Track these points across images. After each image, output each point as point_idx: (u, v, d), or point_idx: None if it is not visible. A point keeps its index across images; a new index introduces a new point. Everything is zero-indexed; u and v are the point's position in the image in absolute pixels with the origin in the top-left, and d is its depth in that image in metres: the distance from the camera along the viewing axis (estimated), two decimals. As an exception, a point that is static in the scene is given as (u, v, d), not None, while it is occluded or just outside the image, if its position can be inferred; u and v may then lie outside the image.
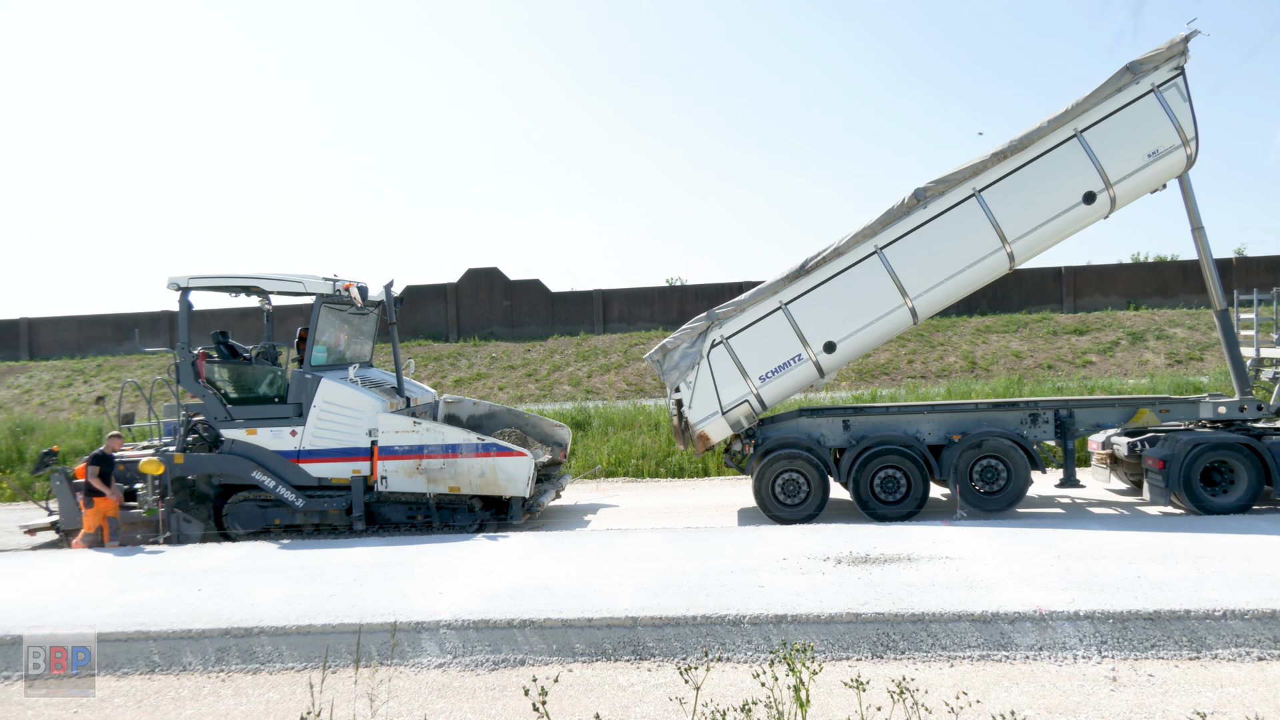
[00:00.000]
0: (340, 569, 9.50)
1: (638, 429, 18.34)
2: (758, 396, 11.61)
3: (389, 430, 11.55)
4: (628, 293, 32.75)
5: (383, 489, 11.56)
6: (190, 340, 12.03)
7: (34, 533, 12.55)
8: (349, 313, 12.83)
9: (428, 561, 9.66)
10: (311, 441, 11.74)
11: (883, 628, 7.11)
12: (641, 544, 9.97)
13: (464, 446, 11.48)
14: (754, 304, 11.61)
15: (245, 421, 11.93)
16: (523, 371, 28.70)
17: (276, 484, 11.74)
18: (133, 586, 9.28)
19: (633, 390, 26.42)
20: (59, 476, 12.05)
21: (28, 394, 29.87)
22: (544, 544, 10.28)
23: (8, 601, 8.85)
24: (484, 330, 32.67)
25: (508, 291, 33.04)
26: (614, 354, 29.30)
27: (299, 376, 11.86)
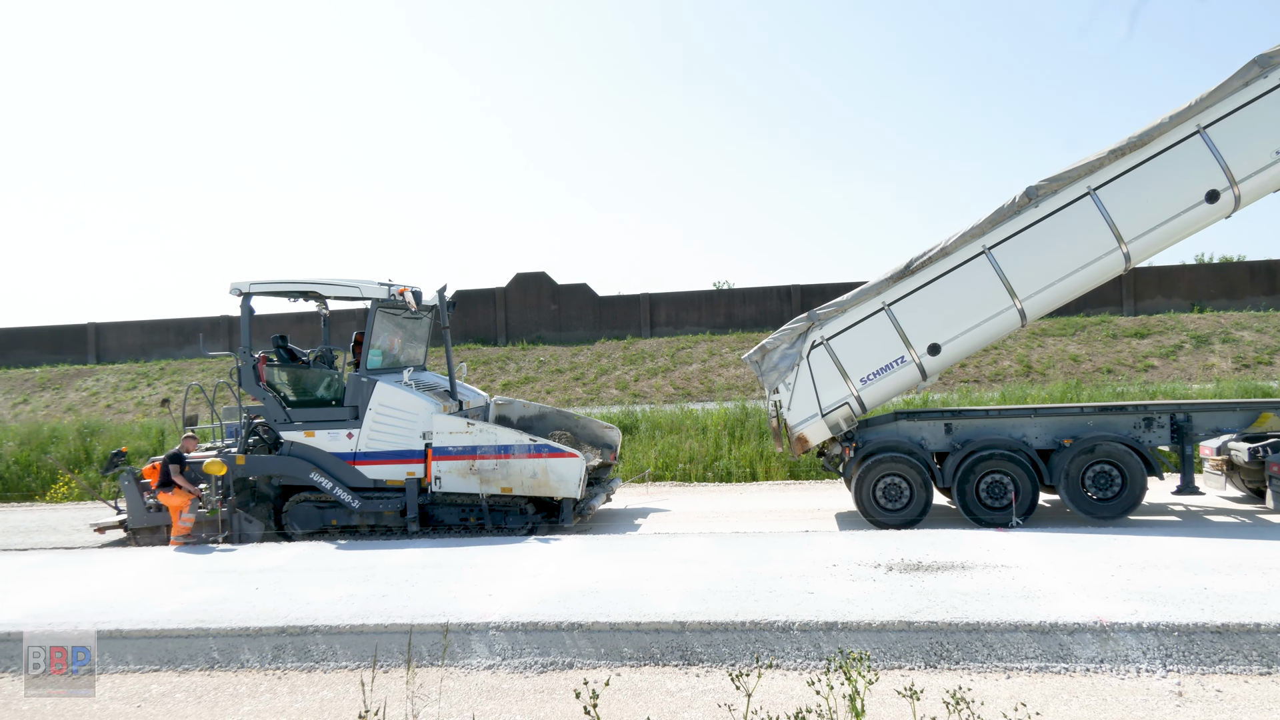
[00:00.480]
0: (392, 570, 9.62)
1: (685, 433, 18.33)
2: (858, 399, 11.44)
3: (443, 431, 11.68)
4: (674, 296, 32.74)
5: (436, 489, 11.68)
6: (252, 344, 12.30)
7: (104, 530, 12.95)
8: (403, 317, 13.00)
9: (477, 563, 9.75)
10: (367, 444, 11.93)
11: (936, 637, 7.01)
12: (689, 548, 9.94)
13: (516, 447, 11.57)
14: (856, 305, 11.41)
15: (304, 424, 12.17)
16: (570, 375, 28.85)
17: (333, 485, 11.94)
18: (193, 584, 9.52)
19: (680, 394, 26.39)
20: (127, 476, 12.41)
21: (95, 396, 30.86)
22: (592, 547, 10.29)
23: (78, 598, 9.15)
24: (532, 334, 32.91)
25: (555, 295, 33.24)
26: (661, 358, 29.31)
27: (355, 380, 12.07)
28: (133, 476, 12.43)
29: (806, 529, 11.46)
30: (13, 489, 20.10)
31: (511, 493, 11.56)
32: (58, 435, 21.84)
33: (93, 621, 8.18)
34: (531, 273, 33.72)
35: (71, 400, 30.74)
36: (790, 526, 12.01)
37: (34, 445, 21.24)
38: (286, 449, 12.22)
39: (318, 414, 12.19)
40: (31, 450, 21.04)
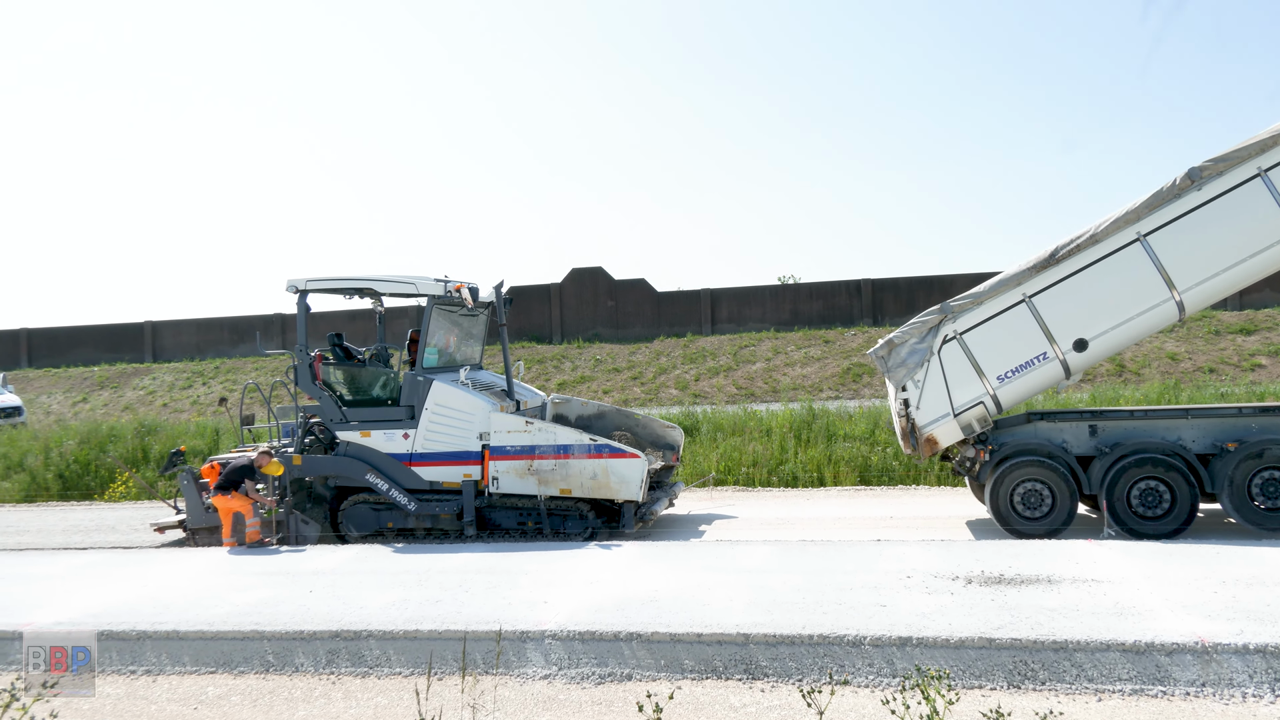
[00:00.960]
0: (446, 574, 9.73)
1: (748, 435, 18.19)
2: (994, 398, 11.07)
3: (501, 430, 11.80)
4: (737, 292, 32.59)
5: (494, 490, 11.79)
6: (308, 342, 12.58)
7: (163, 530, 13.38)
8: (459, 314, 13.16)
9: (533, 569, 9.80)
10: (423, 444, 12.10)
11: (1020, 655, 6.85)
12: (753, 557, 9.90)
13: (576, 447, 11.63)
14: (993, 296, 11.00)
15: (359, 424, 12.38)
16: (628, 374, 28.92)
17: (389, 487, 12.14)
18: (247, 586, 9.78)
19: (743, 394, 26.25)
20: (186, 476, 12.78)
21: (151, 395, 31.96)
22: (651, 554, 10.29)
23: (137, 598, 9.49)
24: (588, 331, 33.08)
25: (612, 291, 33.36)
26: (723, 356, 29.20)
27: (411, 379, 12.24)
28: (191, 476, 12.79)
29: (878, 538, 11.28)
30: (73, 487, 20.90)
31: (570, 494, 11.62)
32: (116, 434, 22.61)
33: (150, 622, 8.50)
34: (587, 268, 33.89)
35: (129, 399, 31.88)
36: (861, 535, 11.83)
37: (93, 444, 22.05)
38: (342, 449, 12.47)
39: (373, 414, 12.40)
40: (91, 449, 21.85)
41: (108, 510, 18.71)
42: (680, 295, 33.17)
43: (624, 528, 11.72)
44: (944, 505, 14.00)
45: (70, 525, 16.80)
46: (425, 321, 12.30)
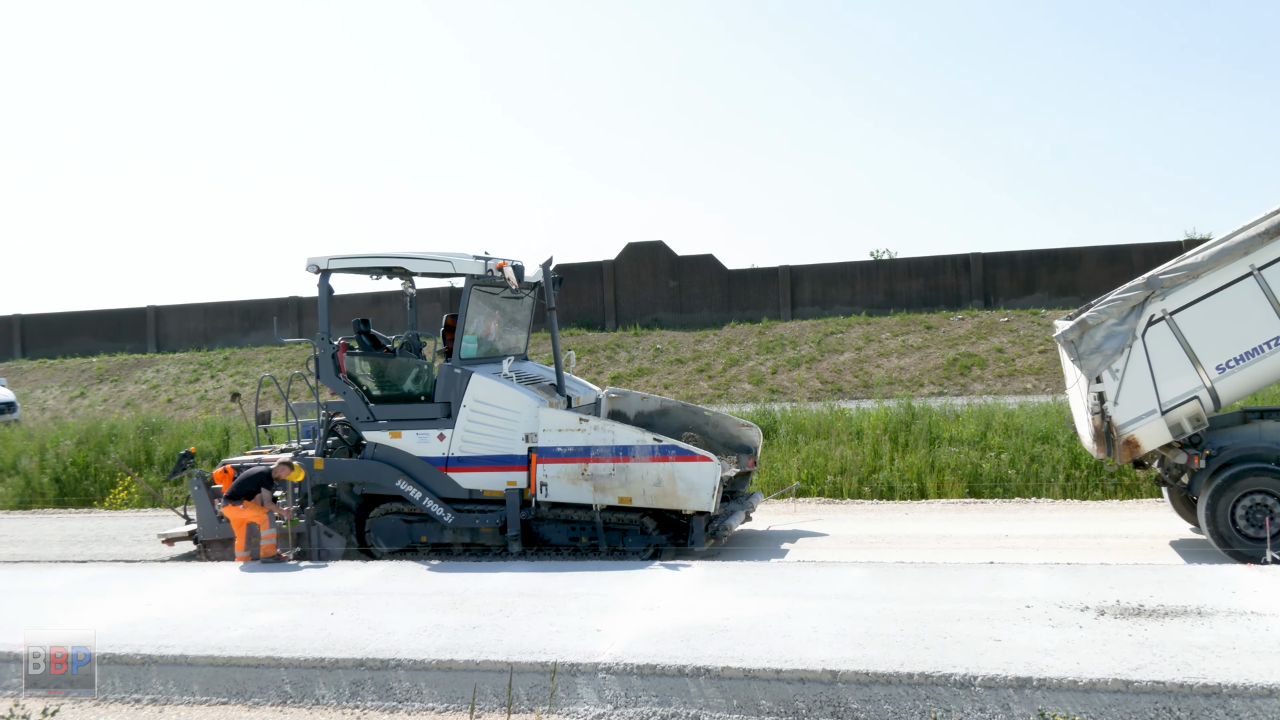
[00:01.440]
0: (484, 596, 9.82)
1: (835, 438, 18.11)
2: (1211, 392, 10.65)
3: (550, 428, 11.85)
4: (821, 269, 32.38)
5: (542, 498, 11.88)
6: (330, 329, 12.77)
7: (172, 542, 13.75)
8: (502, 296, 13.26)
9: (583, 592, 9.81)
10: (461, 446, 12.25)
11: (1163, 701, 6.72)
12: (842, 580, 9.85)
13: (637, 448, 11.61)
14: (1213, 268, 10.50)
15: (388, 423, 12.56)
16: (693, 366, 28.92)
17: (423, 495, 12.31)
18: (262, 606, 9.99)
19: (828, 389, 26.11)
20: (197, 481, 13.11)
21: (155, 389, 32.91)
22: (721, 576, 10.28)
23: (140, 618, 9.78)
24: (646, 316, 33.14)
25: (675, 269, 33.37)
26: (804, 345, 29.03)
27: (447, 371, 12.36)
28: (203, 481, 13.11)
29: (991, 560, 11.08)
30: (70, 493, 21.61)
31: (630, 504, 11.67)
32: (116, 433, 23.26)
33: (155, 645, 8.75)
34: (646, 242, 33.93)
35: (130, 393, 32.86)
36: (970, 557, 11.70)
37: (92, 444, 22.75)
38: (370, 452, 12.65)
39: (404, 411, 12.55)
40: (90, 450, 22.56)
41: (108, 519, 19.32)
42: (754, 274, 33.03)
43: (693, 545, 11.72)
44: (1070, 522, 13.79)
45: (68, 535, 17.40)
46: (463, 305, 12.41)
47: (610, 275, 33.78)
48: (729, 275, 33.06)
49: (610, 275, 33.78)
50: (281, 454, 13.31)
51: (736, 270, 33.30)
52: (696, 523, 11.70)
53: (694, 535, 11.72)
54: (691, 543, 11.76)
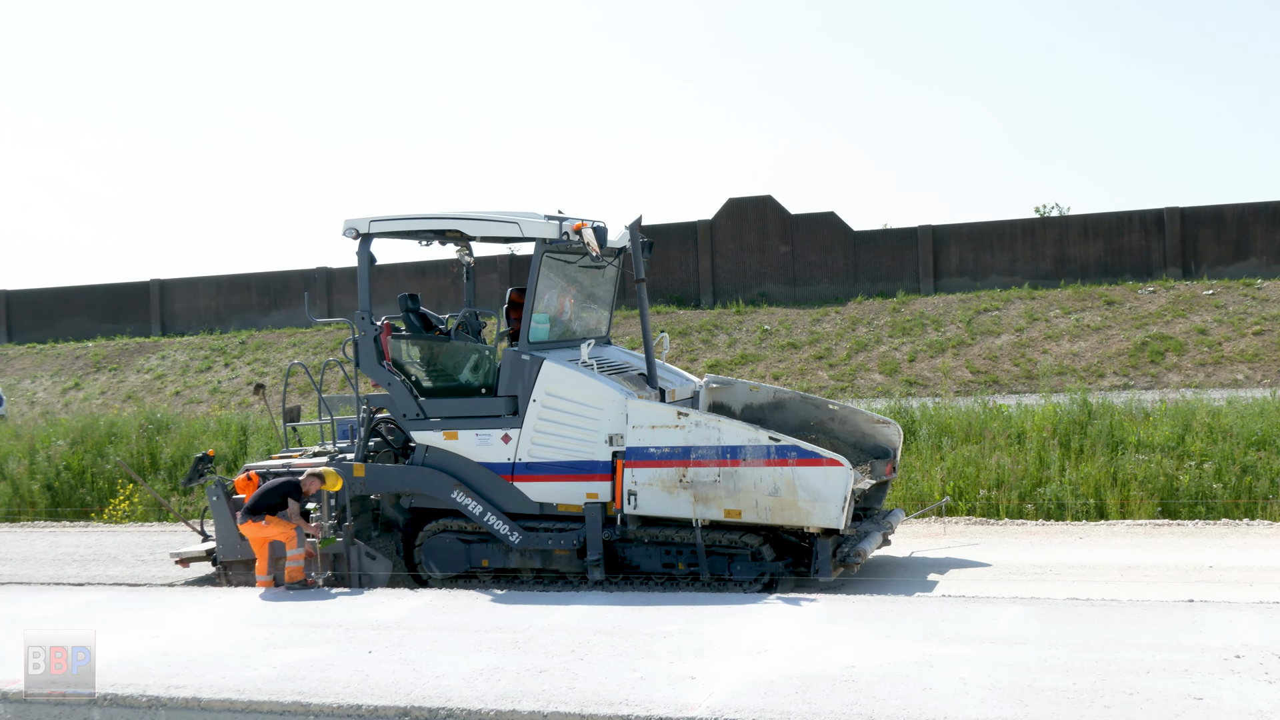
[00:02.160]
0: (553, 634, 9.86)
1: (990, 441, 18.01)
2: None
3: (642, 424, 11.84)
4: (971, 230, 32.00)
5: (630, 510, 11.88)
6: (371, 307, 12.89)
7: (186, 563, 14.10)
8: (579, 266, 13.27)
9: (674, 630, 9.81)
10: (531, 450, 12.30)
11: None
12: (999, 620, 9.78)
13: (749, 449, 11.53)
14: None
15: (442, 420, 12.65)
16: (810, 351, 28.80)
17: (484, 510, 12.40)
18: (287, 641, 10.15)
19: (981, 381, 25.83)
20: (216, 490, 13.39)
21: (160, 380, 33.82)
22: (846, 612, 10.27)
23: (145, 652, 10.01)
24: (751, 290, 33.03)
25: (787, 231, 33.23)
26: (950, 325, 28.68)
27: (513, 358, 12.40)
28: (223, 490, 13.37)
29: (1190, 597, 10.83)
30: (64, 503, 22.35)
31: (739, 518, 11.59)
32: (117, 432, 23.98)
33: (164, 685, 8.98)
34: (751, 198, 33.87)
35: (132, 384, 33.83)
36: (1162, 593, 11.43)
37: (89, 445, 23.48)
38: (419, 456, 12.75)
39: (462, 406, 12.63)
40: (86, 451, 23.28)
41: (107, 533, 19.93)
42: (886, 236, 32.75)
43: (817, 574, 11.62)
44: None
45: (63, 553, 17.97)
46: (532, 276, 12.43)
47: (706, 239, 33.76)
48: (855, 238, 32.80)
49: (706, 239, 33.76)
50: (314, 459, 13.51)
51: (864, 232, 33.05)
52: (822, 546, 11.58)
53: (819, 561, 11.60)
54: (815, 571, 11.65)
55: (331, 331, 34.09)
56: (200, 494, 20.82)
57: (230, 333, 36.62)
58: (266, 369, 32.78)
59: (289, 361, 32.29)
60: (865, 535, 12.29)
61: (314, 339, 34.27)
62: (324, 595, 12.06)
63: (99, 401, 32.56)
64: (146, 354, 35.87)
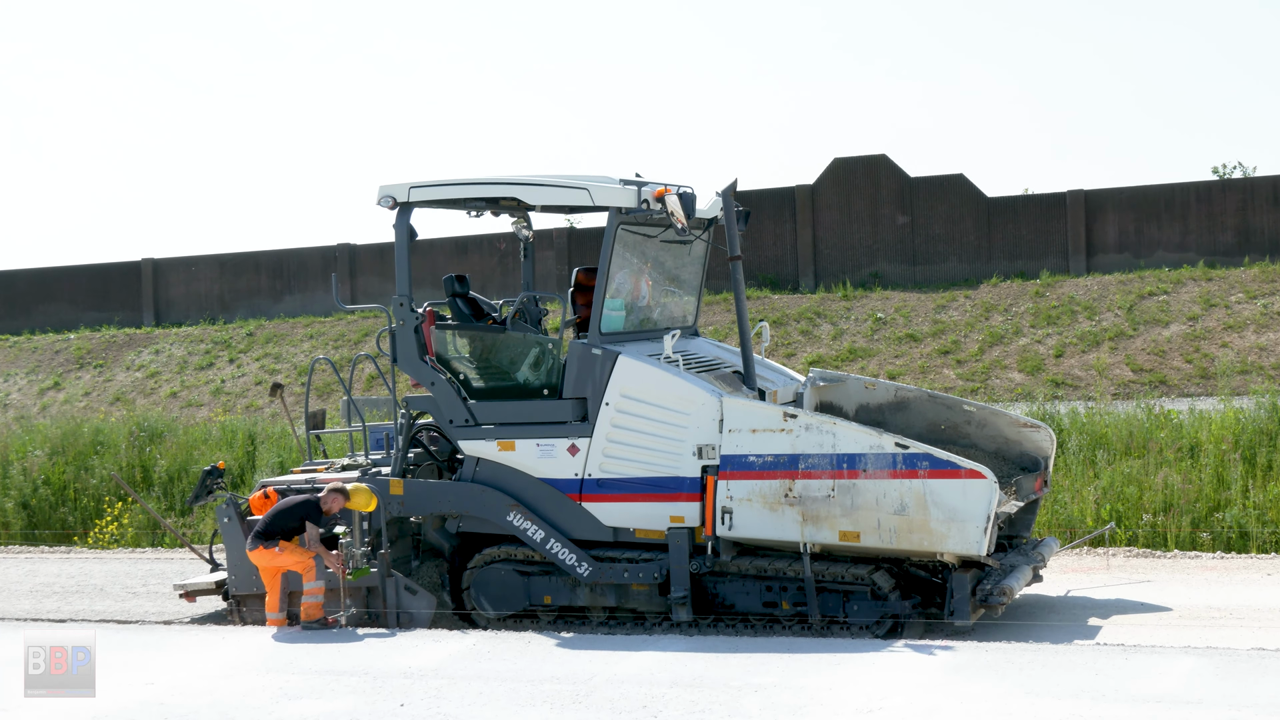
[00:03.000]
0: (620, 687, 9.87)
1: (1156, 455, 17.83)
2: None
3: (740, 427, 11.81)
4: (1133, 195, 31.63)
5: (724, 532, 11.81)
6: (412, 291, 12.94)
7: (193, 597, 14.24)
8: (660, 240, 13.25)
9: (767, 683, 9.76)
10: (603, 464, 12.31)
11: None
12: (1166, 675, 9.67)
13: (870, 458, 11.47)
14: None
15: (496, 427, 12.69)
16: (933, 345, 28.59)
17: (547, 536, 12.40)
18: (304, 691, 10.24)
19: (1145, 381, 25.58)
20: (228, 509, 13.48)
21: (153, 379, 34.20)
22: (978, 663, 10.18)
23: (137, 703, 10.11)
24: (861, 270, 32.85)
25: (905, 198, 33.01)
26: (1106, 311, 28.33)
27: (582, 353, 12.44)
28: (235, 510, 13.45)
29: None
30: (42, 525, 22.67)
31: (857, 542, 11.51)
32: (104, 441, 24.29)
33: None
34: (861, 158, 33.66)
35: (121, 384, 34.26)
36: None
37: (71, 456, 23.81)
38: (469, 470, 12.81)
39: (520, 410, 12.68)
40: (68, 464, 23.60)
41: (93, 560, 20.21)
42: (1027, 204, 32.40)
43: (952, 616, 11.52)
44: None
45: (41, 583, 18.23)
46: (605, 253, 12.44)
47: (806, 208, 33.56)
48: (988, 206, 32.46)
49: (806, 208, 33.56)
50: (342, 473, 13.57)
51: (1000, 198, 32.69)
52: (958, 581, 11.49)
53: (954, 601, 11.50)
54: (950, 613, 11.55)
55: (356, 321, 34.28)
56: (202, 515, 21.04)
57: (236, 322, 36.89)
58: (279, 365, 33.02)
59: (306, 357, 32.61)
60: (1011, 569, 12.17)
61: (335, 330, 34.47)
62: (349, 636, 12.16)
63: (82, 404, 32.96)
64: (138, 348, 36.24)
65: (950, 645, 10.80)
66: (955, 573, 11.52)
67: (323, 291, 36.52)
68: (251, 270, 38.16)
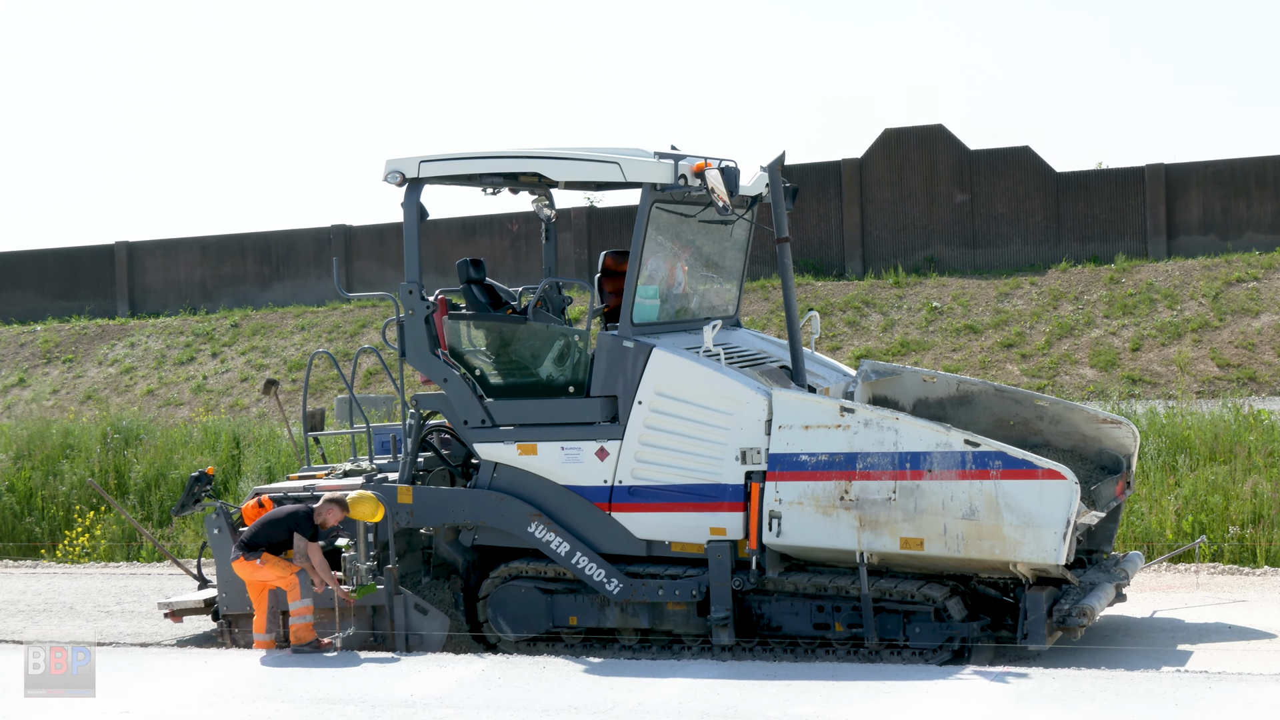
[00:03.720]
0: (645, 716, 9.91)
1: (1241, 458, 17.93)
2: None
3: (791, 423, 11.81)
4: (1220, 170, 31.66)
5: (771, 539, 11.77)
6: (422, 278, 12.90)
7: (179, 617, 14.28)
8: (698, 220, 13.22)
9: (807, 713, 9.78)
10: (635, 470, 12.27)
11: None
12: (1253, 707, 9.68)
13: (936, 457, 11.46)
14: None
15: (516, 429, 12.68)
16: (995, 337, 28.63)
17: (573, 550, 12.37)
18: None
19: (1233, 378, 25.73)
20: (218, 519, 13.52)
21: (128, 375, 34.36)
22: (1045, 692, 10.17)
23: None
24: (915, 254, 32.90)
25: (964, 173, 33.07)
26: (1190, 301, 28.34)
27: (612, 345, 12.39)
28: (226, 520, 13.48)
29: None
30: (6, 536, 22.80)
31: (921, 550, 11.45)
32: (74, 444, 24.44)
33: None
34: (915, 128, 33.75)
35: (93, 380, 34.41)
36: None
37: (38, 460, 23.91)
38: (486, 477, 12.81)
39: (543, 410, 12.69)
40: (34, 468, 23.70)
41: (62, 576, 20.32)
42: (1102, 179, 32.45)
43: (1025, 640, 11.45)
44: None
45: (4, 600, 18.35)
46: (638, 234, 12.39)
47: (853, 184, 33.66)
48: (1058, 181, 32.51)
49: (853, 184, 33.66)
50: (345, 479, 13.63)
51: (1071, 174, 32.73)
52: (1032, 601, 11.40)
53: (1028, 623, 11.41)
54: (1024, 636, 11.47)
55: (352, 311, 34.40)
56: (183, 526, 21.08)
57: (219, 312, 37.08)
58: (267, 360, 33.15)
59: (297, 350, 32.67)
60: (1091, 588, 12.12)
61: (329, 320, 34.57)
62: (346, 661, 12.18)
63: (51, 403, 33.12)
64: (111, 340, 36.44)
65: (1013, 672, 10.77)
66: (1029, 593, 11.44)
67: (315, 278, 36.68)
68: (236, 254, 38.32)
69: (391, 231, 36.58)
